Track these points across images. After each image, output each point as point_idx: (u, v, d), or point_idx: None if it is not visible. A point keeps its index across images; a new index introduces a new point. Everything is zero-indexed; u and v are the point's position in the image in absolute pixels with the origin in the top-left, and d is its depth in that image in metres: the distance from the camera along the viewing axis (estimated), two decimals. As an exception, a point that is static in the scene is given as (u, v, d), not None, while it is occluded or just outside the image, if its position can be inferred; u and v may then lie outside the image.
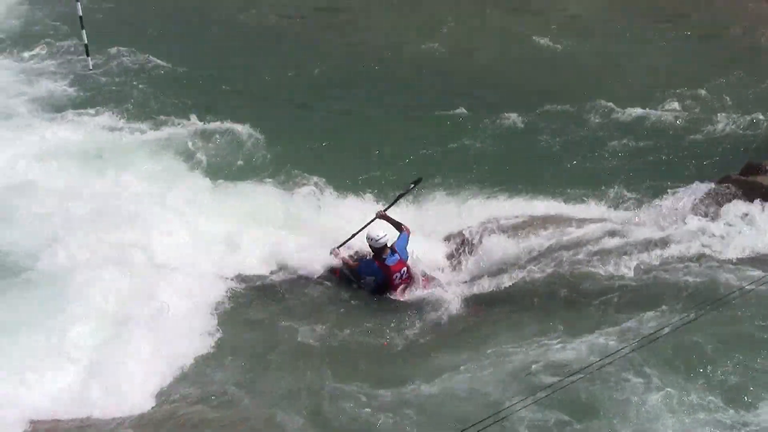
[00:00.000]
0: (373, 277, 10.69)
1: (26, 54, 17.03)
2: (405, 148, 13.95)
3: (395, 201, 11.36)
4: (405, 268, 10.75)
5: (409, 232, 10.83)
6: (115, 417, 7.98)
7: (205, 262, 10.68)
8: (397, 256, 10.66)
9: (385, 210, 11.09)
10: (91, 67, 15.19)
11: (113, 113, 14.33)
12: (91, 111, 14.48)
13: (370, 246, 10.61)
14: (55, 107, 14.72)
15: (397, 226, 10.96)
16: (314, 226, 11.46)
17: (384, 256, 10.63)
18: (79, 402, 8.22)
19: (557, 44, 18.45)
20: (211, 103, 15.04)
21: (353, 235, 10.98)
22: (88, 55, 14.97)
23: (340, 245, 11.00)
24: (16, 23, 19.02)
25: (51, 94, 15.11)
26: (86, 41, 14.85)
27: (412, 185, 11.52)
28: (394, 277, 10.67)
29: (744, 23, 19.45)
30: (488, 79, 16.65)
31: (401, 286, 10.74)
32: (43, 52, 16.86)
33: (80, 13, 14.29)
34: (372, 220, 10.92)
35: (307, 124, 14.93)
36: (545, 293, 9.99)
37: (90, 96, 15.13)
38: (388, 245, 10.65)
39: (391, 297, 10.65)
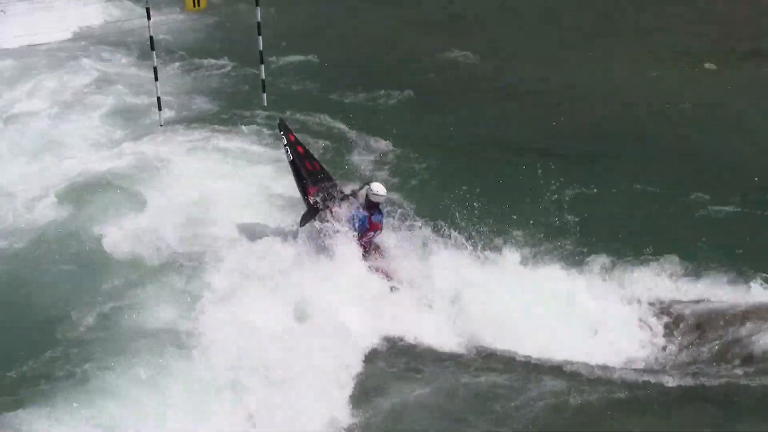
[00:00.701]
0: (354, 229, 11.07)
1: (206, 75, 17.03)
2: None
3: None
4: (379, 232, 11.23)
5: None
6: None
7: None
8: (380, 216, 11.19)
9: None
10: (265, 104, 14.88)
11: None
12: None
13: (368, 197, 11.09)
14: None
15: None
16: None
17: (373, 212, 11.13)
18: None
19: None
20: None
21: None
22: (264, 91, 14.51)
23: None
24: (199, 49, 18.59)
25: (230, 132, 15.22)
26: (263, 77, 14.43)
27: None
28: (370, 234, 11.13)
29: None
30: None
31: (368, 242, 11.14)
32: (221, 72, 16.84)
33: (260, 47, 13.71)
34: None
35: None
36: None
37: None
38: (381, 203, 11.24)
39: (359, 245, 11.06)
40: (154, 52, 13.57)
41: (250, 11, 16.59)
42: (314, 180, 11.44)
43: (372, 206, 11.08)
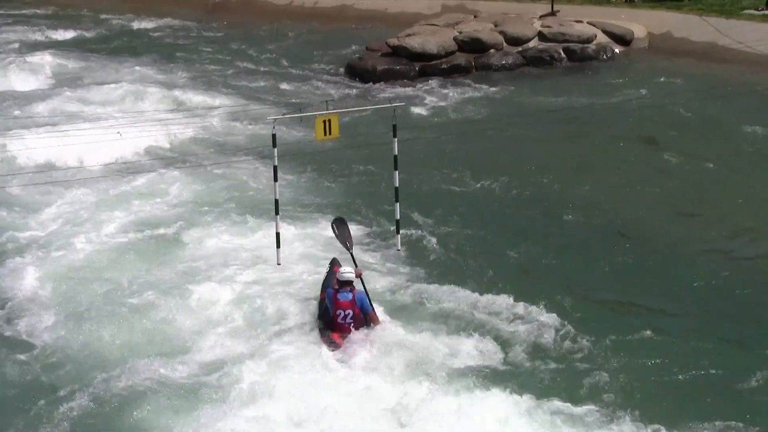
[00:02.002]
0: (325, 305, 12.52)
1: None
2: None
3: (352, 255, 13.24)
4: (351, 312, 12.24)
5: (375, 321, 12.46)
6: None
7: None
8: (350, 295, 12.26)
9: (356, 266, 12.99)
10: (399, 247, 14.76)
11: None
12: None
13: (336, 277, 12.57)
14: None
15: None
16: None
17: (339, 289, 12.32)
18: None
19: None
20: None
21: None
22: (398, 232, 14.38)
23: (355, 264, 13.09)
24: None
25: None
26: (398, 216, 14.21)
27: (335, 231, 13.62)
28: (338, 312, 12.26)
29: None
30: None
31: (340, 332, 12.22)
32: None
33: (396, 183, 13.71)
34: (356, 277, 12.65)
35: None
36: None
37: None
38: (353, 284, 12.38)
39: (328, 338, 12.26)
40: (278, 217, 13.39)
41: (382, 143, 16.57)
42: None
43: (341, 284, 12.36)
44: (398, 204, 14.03)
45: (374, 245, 15.72)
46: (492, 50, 28.21)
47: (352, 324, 12.28)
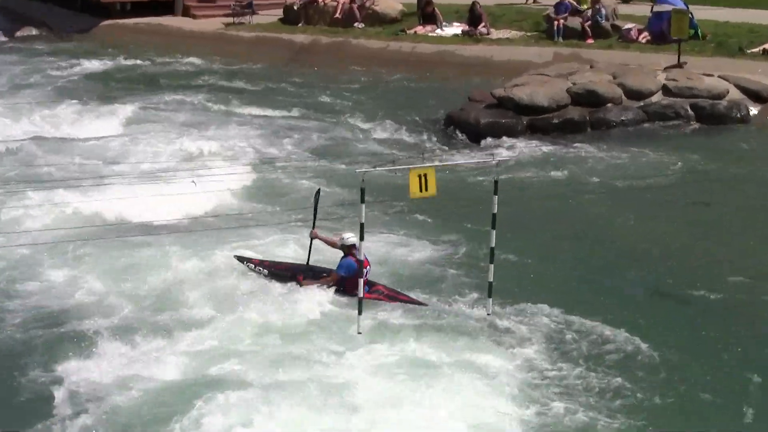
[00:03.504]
0: (349, 275, 15.19)
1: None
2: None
3: (315, 216, 16.00)
4: (369, 267, 15.27)
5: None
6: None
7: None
8: (361, 254, 14.28)
9: (314, 228, 15.95)
10: (489, 312, 15.05)
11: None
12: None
13: (341, 246, 15.53)
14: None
15: (331, 243, 15.91)
16: None
17: (354, 252, 14.95)
18: None
19: None
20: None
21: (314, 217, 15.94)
22: (490, 296, 14.73)
23: (314, 225, 15.88)
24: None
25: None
26: (491, 279, 14.61)
27: (316, 199, 16.18)
28: (364, 270, 14.57)
29: None
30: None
31: (366, 284, 14.78)
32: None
33: (493, 243, 13.97)
34: (311, 242, 15.89)
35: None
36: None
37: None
38: (356, 245, 14.53)
39: (358, 294, 14.36)
40: (362, 280, 13.53)
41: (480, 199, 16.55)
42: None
43: (348, 249, 15.36)
44: (492, 266, 14.09)
45: (463, 306, 15.76)
46: (609, 104, 28.02)
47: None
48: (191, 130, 27.06)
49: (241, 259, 16.75)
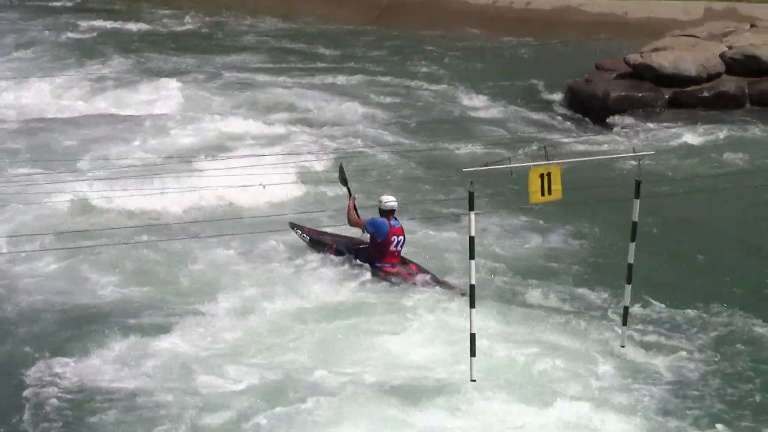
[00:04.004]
0: (376, 235, 16.90)
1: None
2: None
3: (347, 186, 18.33)
4: (402, 238, 16.98)
5: None
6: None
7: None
8: (398, 222, 16.92)
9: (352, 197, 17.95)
10: (623, 344, 14.86)
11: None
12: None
13: (381, 207, 17.01)
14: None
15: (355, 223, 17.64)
16: None
17: (391, 218, 16.91)
18: None
19: None
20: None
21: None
22: (625, 323, 14.54)
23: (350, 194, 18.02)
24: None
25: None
26: (627, 303, 14.27)
27: (342, 176, 18.41)
28: (393, 239, 16.84)
29: None
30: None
31: (396, 259, 17.02)
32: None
33: (631, 259, 13.71)
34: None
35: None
36: None
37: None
38: (395, 211, 16.96)
39: (383, 267, 16.92)
40: (474, 310, 13.25)
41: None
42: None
43: (386, 213, 16.93)
44: (629, 287, 13.88)
45: (592, 336, 15.60)
46: (774, 73, 27.73)
47: (401, 251, 17.09)
48: (260, 108, 27.60)
49: (293, 226, 18.59)
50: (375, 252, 17.15)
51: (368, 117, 27.23)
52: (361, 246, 17.57)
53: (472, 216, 12.64)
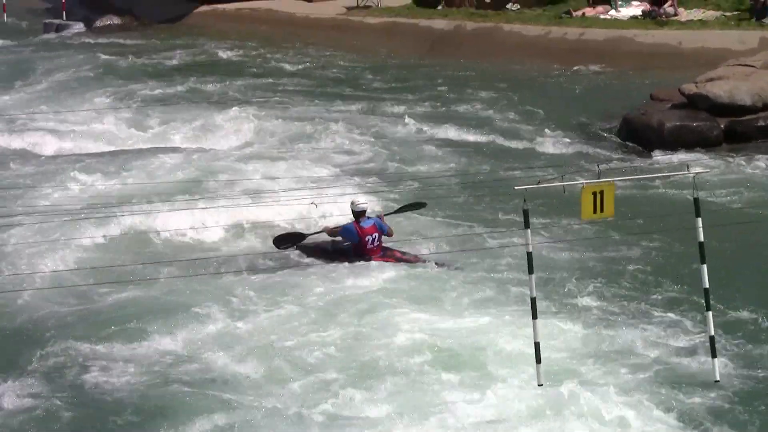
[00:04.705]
0: (350, 240, 19.10)
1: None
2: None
3: (397, 211, 20.41)
4: (377, 234, 19.02)
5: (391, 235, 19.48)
6: None
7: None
8: (372, 221, 19.01)
9: (385, 214, 19.91)
10: (717, 378, 14.34)
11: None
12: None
13: (352, 210, 19.04)
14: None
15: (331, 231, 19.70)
16: None
17: (360, 220, 18.93)
18: None
19: None
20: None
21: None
22: (714, 355, 14.14)
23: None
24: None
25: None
26: (712, 332, 14.04)
27: (414, 207, 20.64)
28: (366, 239, 18.93)
29: None
30: None
31: (376, 252, 19.06)
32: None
33: (706, 283, 13.64)
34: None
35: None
36: None
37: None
38: (366, 212, 19.03)
39: (367, 261, 18.93)
40: (536, 321, 13.54)
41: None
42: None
43: (357, 215, 19.06)
44: (711, 314, 13.78)
45: (681, 368, 15.36)
46: (835, 104, 27.59)
47: (379, 245, 19.12)
48: (312, 142, 27.96)
49: (277, 244, 20.01)
50: (355, 252, 19.19)
51: (415, 147, 27.55)
52: (345, 244, 19.48)
53: (528, 233, 12.87)
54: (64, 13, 47.78)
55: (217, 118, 30.31)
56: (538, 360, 13.43)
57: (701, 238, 13.40)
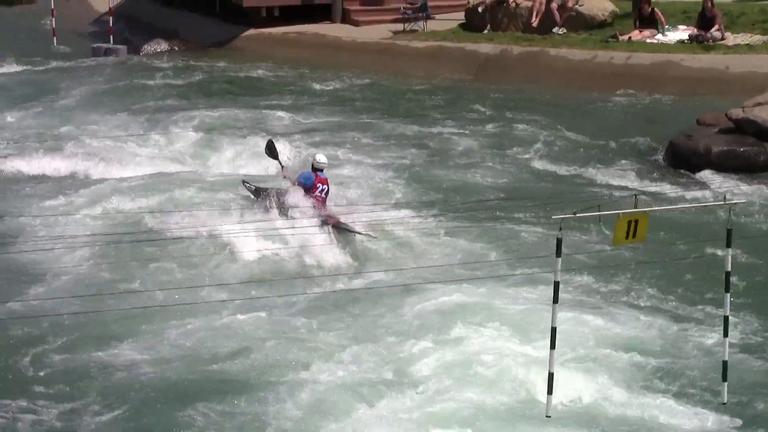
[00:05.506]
0: (305, 183, 22.08)
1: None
2: None
3: (278, 160, 23.93)
4: (326, 187, 22.31)
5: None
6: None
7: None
8: (324, 176, 22.32)
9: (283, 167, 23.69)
10: (724, 401, 14.75)
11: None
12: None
13: (313, 165, 22.43)
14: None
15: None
16: None
17: (318, 173, 22.24)
18: None
19: None
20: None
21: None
22: (725, 379, 14.30)
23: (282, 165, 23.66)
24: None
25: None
26: (726, 356, 14.24)
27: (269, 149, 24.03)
28: (318, 185, 22.14)
29: None
30: None
31: (322, 202, 22.07)
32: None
33: (727, 312, 13.97)
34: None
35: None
36: None
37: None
38: (323, 171, 22.34)
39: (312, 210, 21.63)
40: (554, 351, 13.71)
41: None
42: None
43: (317, 170, 22.32)
44: (727, 340, 14.01)
45: (686, 397, 15.78)
46: None
47: (324, 199, 22.21)
48: (367, 156, 28.71)
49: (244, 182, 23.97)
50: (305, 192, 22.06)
51: (469, 168, 27.97)
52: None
53: (558, 262, 12.99)
54: (111, 37, 47.95)
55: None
56: (550, 391, 13.52)
57: (728, 268, 13.51)
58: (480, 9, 43.12)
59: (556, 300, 13.23)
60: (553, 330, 13.36)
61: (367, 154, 29.45)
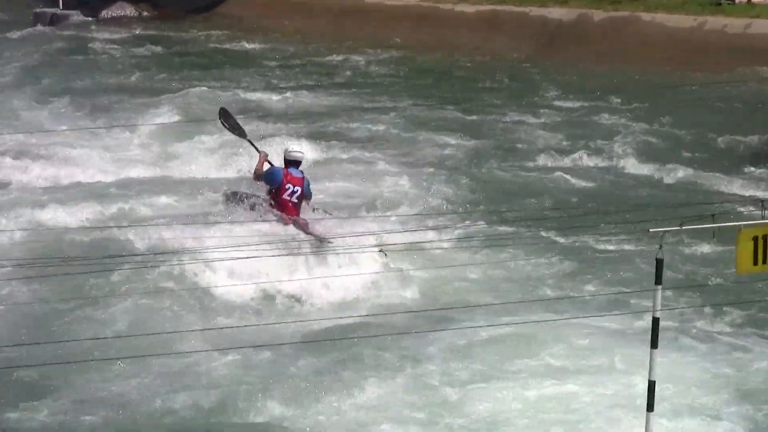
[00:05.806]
0: (271, 184, 21.57)
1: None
2: None
3: (250, 142, 23.60)
4: (299, 189, 21.54)
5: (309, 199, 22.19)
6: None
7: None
8: (299, 173, 21.75)
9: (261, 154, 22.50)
10: None
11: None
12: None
13: (286, 157, 21.87)
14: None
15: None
16: None
17: (290, 168, 21.64)
18: None
19: None
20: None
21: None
22: None
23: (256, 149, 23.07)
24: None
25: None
26: None
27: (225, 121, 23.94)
28: (287, 186, 21.50)
29: None
30: None
31: (291, 209, 21.51)
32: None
33: None
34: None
35: None
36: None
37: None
38: (299, 165, 21.94)
39: (275, 213, 21.31)
40: (651, 414, 13.10)
41: None
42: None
43: (289, 163, 21.75)
44: None
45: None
46: None
47: (296, 204, 21.65)
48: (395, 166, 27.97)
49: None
50: (273, 201, 21.67)
51: (538, 169, 28.02)
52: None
53: (659, 292, 12.40)
54: (61, 0, 48.02)
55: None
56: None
57: None
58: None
59: (655, 344, 12.60)
60: (651, 385, 12.80)
61: (396, 148, 29.61)
